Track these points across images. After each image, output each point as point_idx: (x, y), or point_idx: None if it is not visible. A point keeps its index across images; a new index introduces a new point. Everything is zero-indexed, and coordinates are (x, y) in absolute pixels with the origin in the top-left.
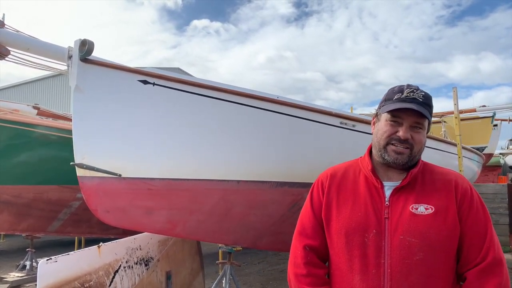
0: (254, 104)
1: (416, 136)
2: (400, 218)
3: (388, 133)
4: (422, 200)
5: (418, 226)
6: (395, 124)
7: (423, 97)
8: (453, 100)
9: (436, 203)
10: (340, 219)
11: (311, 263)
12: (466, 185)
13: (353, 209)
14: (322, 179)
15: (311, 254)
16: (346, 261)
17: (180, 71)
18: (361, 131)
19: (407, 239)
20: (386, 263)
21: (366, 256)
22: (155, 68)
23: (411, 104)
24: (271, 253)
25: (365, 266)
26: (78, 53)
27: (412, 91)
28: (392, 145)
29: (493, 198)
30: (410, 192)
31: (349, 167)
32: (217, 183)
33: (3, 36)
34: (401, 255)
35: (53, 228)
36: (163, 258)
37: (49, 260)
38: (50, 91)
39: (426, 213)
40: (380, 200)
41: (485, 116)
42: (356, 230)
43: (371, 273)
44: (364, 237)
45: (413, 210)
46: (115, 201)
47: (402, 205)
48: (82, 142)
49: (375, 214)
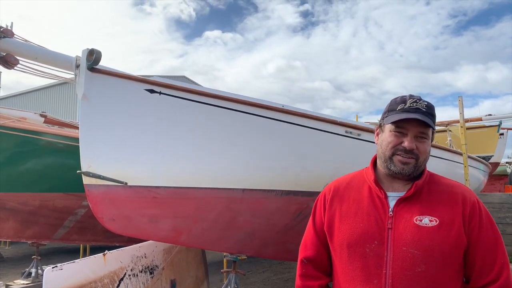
0: (259, 113)
1: (421, 146)
2: (404, 229)
3: (393, 143)
4: (426, 212)
5: (421, 238)
6: (399, 135)
7: (426, 106)
8: (458, 109)
9: (441, 215)
10: (342, 231)
11: (306, 275)
12: (473, 199)
13: (355, 220)
14: (325, 192)
15: (308, 266)
16: (349, 271)
17: (186, 80)
18: (366, 140)
19: (410, 250)
20: (388, 273)
21: (367, 266)
22: (161, 76)
23: (415, 114)
24: (276, 262)
25: (367, 276)
26: (85, 63)
27: (415, 101)
28: (397, 156)
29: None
30: (414, 203)
31: (353, 178)
32: (222, 191)
33: (13, 45)
34: (403, 267)
35: (59, 236)
36: (168, 266)
37: (54, 267)
38: (57, 99)
39: (430, 225)
40: (383, 211)
41: (491, 125)
42: (358, 241)
43: (373, 283)
44: (365, 247)
45: (417, 222)
46: (120, 209)
47: (406, 216)
48: (88, 150)
49: (377, 225)
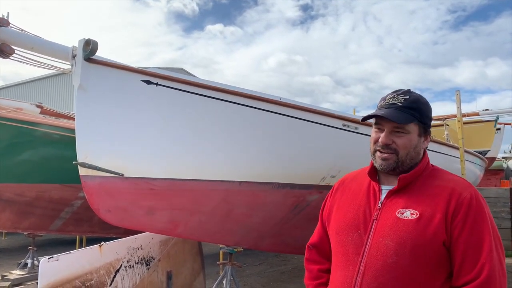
0: (256, 106)
1: (399, 141)
2: (386, 221)
3: (373, 139)
4: (410, 205)
5: (397, 230)
6: (378, 131)
7: (405, 100)
8: (456, 103)
9: (423, 209)
10: (336, 219)
11: (310, 259)
12: (466, 195)
13: (347, 210)
14: (335, 184)
15: (312, 252)
16: (334, 257)
17: (184, 72)
18: (363, 133)
19: (385, 241)
20: (363, 261)
21: (347, 253)
22: (158, 68)
23: (386, 110)
24: (272, 254)
25: (346, 262)
26: (82, 53)
27: (393, 97)
28: (378, 151)
29: (495, 202)
30: (401, 197)
31: (361, 172)
32: (219, 183)
33: (8, 35)
34: (376, 256)
35: (55, 227)
36: (164, 258)
37: (50, 258)
38: (54, 90)
39: (410, 218)
40: (374, 203)
41: (488, 120)
42: (344, 228)
43: (348, 269)
44: (349, 235)
45: (398, 214)
46: (117, 200)
47: (391, 209)
48: (85, 141)
49: (364, 215)
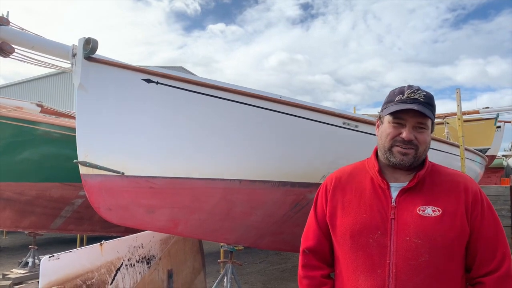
0: (256, 104)
1: (420, 136)
2: (407, 220)
3: (392, 135)
4: (429, 202)
5: (425, 229)
6: (398, 126)
7: (425, 96)
8: (456, 101)
9: (444, 205)
10: (345, 221)
11: (308, 265)
12: (475, 189)
13: (358, 210)
14: (327, 183)
15: (309, 257)
16: (352, 261)
17: (184, 70)
18: (363, 131)
19: (414, 240)
20: (392, 263)
21: (371, 256)
22: (159, 67)
23: (412, 104)
24: (273, 252)
25: (370, 266)
26: (82, 51)
27: (413, 92)
28: (397, 147)
29: (496, 200)
30: (417, 194)
31: (355, 169)
32: (219, 182)
33: (8, 34)
34: (406, 256)
35: (56, 226)
36: (165, 256)
37: (51, 257)
38: (54, 89)
39: (433, 215)
40: (386, 201)
41: (489, 117)
42: (361, 231)
43: (376, 273)
44: (369, 237)
45: (420, 212)
46: (117, 199)
47: (409, 207)
48: (85, 140)
49: (380, 215)
